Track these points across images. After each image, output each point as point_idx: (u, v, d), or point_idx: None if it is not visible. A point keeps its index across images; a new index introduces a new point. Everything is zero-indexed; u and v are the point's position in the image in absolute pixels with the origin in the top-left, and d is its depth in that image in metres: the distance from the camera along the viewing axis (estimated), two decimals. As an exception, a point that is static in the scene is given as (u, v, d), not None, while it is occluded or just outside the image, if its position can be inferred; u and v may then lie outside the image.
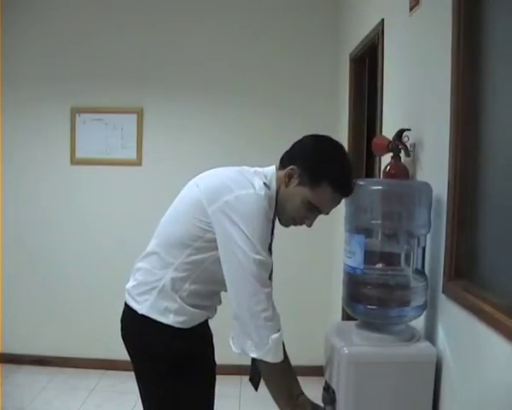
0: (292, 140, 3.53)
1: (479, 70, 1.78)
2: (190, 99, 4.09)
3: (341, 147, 1.78)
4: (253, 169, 1.77)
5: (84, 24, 4.09)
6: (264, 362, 1.65)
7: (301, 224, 1.79)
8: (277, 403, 1.73)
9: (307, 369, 3.90)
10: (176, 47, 4.08)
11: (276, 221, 1.81)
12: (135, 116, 4.11)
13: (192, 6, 4.08)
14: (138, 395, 1.92)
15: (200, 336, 1.85)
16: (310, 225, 1.78)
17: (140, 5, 4.10)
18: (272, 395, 1.73)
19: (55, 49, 4.10)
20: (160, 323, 1.72)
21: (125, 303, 1.83)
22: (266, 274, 1.64)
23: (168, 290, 1.71)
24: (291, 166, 1.72)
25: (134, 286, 1.80)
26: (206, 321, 1.88)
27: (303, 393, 1.87)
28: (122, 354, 3.90)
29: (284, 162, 1.77)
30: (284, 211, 1.75)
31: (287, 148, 3.84)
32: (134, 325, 1.79)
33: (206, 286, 1.75)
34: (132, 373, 1.90)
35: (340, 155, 1.76)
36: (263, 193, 1.65)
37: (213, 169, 1.83)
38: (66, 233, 4.15)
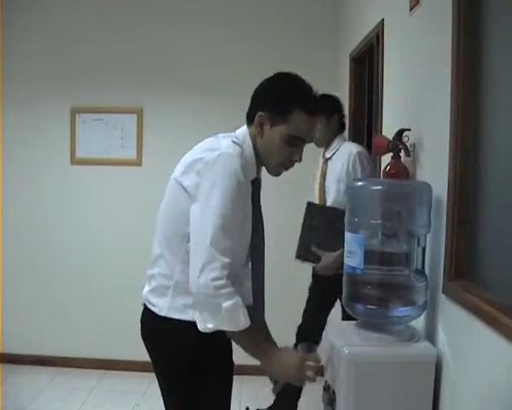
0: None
1: (479, 70, 1.78)
2: (190, 99, 4.08)
3: (292, 73, 1.76)
4: (223, 134, 1.76)
5: (84, 24, 4.09)
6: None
7: (291, 165, 1.75)
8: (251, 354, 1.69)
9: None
10: (176, 47, 4.08)
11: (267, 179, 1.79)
12: (135, 116, 4.11)
13: (192, 7, 4.08)
14: (138, 394, 1.92)
15: (221, 334, 1.86)
16: (300, 160, 1.74)
17: (140, 6, 4.10)
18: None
19: (54, 49, 4.10)
20: (181, 321, 1.70)
21: (145, 305, 1.82)
22: (228, 242, 1.59)
23: (183, 286, 1.69)
24: (258, 114, 1.70)
25: (149, 291, 1.79)
26: None
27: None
28: (122, 354, 3.90)
29: (250, 117, 1.75)
30: (269, 159, 1.73)
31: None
32: (155, 325, 1.78)
33: None
34: (132, 373, 1.90)
35: (295, 79, 1.74)
36: (231, 151, 1.63)
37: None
38: (66, 233, 4.15)
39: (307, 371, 1.66)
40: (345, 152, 2.96)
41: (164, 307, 1.73)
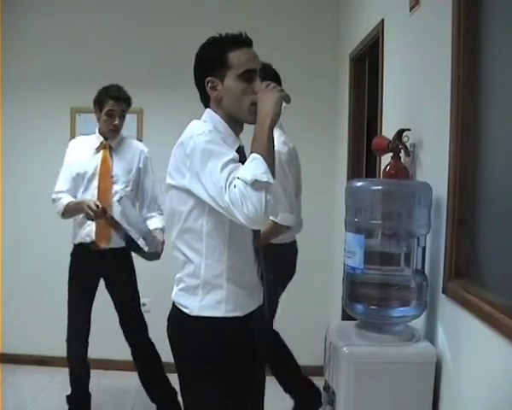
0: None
1: (479, 70, 1.78)
2: (190, 99, 4.08)
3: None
4: (191, 124, 1.84)
5: (83, 24, 4.08)
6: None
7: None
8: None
9: (307, 369, 3.90)
10: (176, 47, 4.08)
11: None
12: (135, 116, 4.10)
13: (192, 6, 4.08)
14: (138, 394, 1.91)
15: (249, 330, 1.86)
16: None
17: (140, 5, 4.10)
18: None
19: (54, 49, 4.09)
20: (213, 318, 1.72)
21: (174, 306, 1.81)
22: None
23: (210, 282, 1.71)
24: (206, 82, 1.76)
25: (178, 293, 1.79)
26: (251, 319, 1.87)
27: None
28: (122, 354, 3.88)
29: (204, 96, 1.83)
30: (240, 107, 1.75)
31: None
32: (186, 326, 1.77)
33: (239, 252, 1.75)
34: (131, 373, 1.90)
35: (213, 37, 1.82)
36: (202, 129, 1.70)
37: None
38: (66, 233, 4.14)
39: (264, 88, 1.70)
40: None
41: (195, 306, 1.73)
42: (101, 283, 4.14)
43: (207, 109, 1.83)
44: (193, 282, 1.74)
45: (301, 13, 4.06)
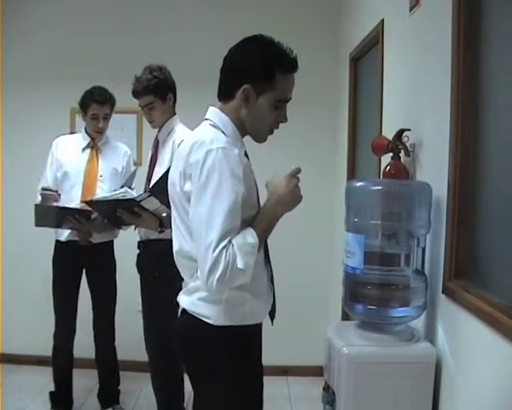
0: (291, 139, 3.52)
1: (479, 70, 1.78)
2: (190, 99, 4.08)
3: (258, 36, 1.73)
4: (200, 127, 1.76)
5: (83, 25, 4.08)
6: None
7: (277, 127, 1.73)
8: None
9: (307, 369, 3.91)
10: (175, 47, 4.08)
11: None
12: (135, 116, 4.10)
13: (192, 6, 4.08)
14: (137, 395, 1.90)
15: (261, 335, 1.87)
16: (286, 119, 1.73)
17: (140, 6, 4.10)
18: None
19: (55, 49, 4.10)
20: (242, 326, 1.68)
21: (188, 315, 1.71)
22: (229, 225, 1.53)
23: (233, 289, 1.62)
24: (243, 88, 1.65)
25: (197, 302, 1.69)
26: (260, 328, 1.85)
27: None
28: (122, 354, 3.87)
29: (228, 93, 1.72)
30: (258, 128, 1.71)
31: (286, 147, 3.82)
32: (209, 337, 1.68)
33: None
34: (131, 373, 1.88)
35: (268, 42, 1.69)
36: (215, 145, 1.58)
37: None
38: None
39: (294, 180, 1.67)
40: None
41: (220, 316, 1.65)
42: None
43: (215, 109, 1.75)
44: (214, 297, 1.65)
45: (301, 13, 4.06)
